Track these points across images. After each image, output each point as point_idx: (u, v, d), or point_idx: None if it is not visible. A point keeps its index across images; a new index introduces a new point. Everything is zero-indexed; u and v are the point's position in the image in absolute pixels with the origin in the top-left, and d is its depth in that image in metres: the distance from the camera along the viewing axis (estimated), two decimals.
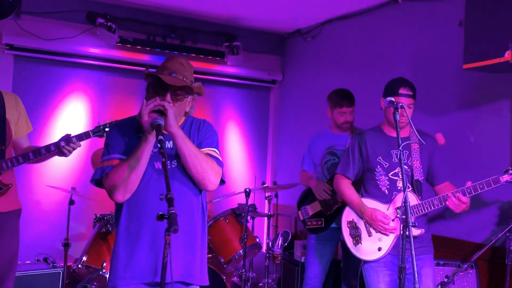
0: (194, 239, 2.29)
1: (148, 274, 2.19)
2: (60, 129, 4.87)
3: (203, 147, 2.29)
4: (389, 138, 3.00)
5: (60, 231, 4.48)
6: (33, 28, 4.62)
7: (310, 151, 4.01)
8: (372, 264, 2.96)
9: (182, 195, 2.23)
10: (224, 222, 4.26)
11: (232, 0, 4.85)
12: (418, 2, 4.28)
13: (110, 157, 2.24)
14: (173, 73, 2.17)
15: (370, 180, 3.05)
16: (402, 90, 2.91)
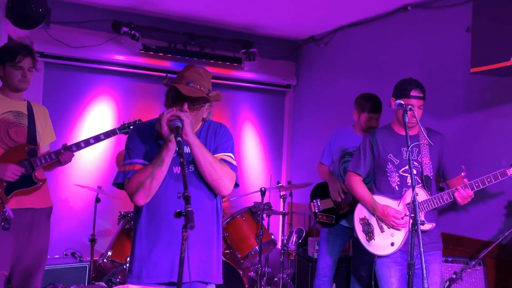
0: (211, 240, 2.28)
1: (164, 274, 2.18)
2: (87, 132, 4.92)
3: (218, 152, 2.28)
4: (399, 136, 2.97)
5: (87, 227, 4.52)
6: (62, 36, 4.68)
7: (330, 147, 3.94)
8: (384, 259, 2.94)
9: (198, 199, 2.22)
10: (241, 219, 4.26)
11: (249, 8, 4.85)
12: (427, 9, 4.24)
13: (132, 162, 2.23)
14: (190, 83, 2.15)
15: (381, 177, 3.03)
16: (414, 92, 2.88)
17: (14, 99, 3.08)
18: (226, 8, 4.87)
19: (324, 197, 3.89)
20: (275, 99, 6.04)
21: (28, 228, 3.04)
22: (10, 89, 3.05)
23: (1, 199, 2.89)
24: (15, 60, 2.97)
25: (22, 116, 3.07)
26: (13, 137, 3.00)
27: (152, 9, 4.95)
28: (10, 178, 2.91)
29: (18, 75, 3.00)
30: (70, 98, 4.89)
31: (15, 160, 2.97)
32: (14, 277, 3.06)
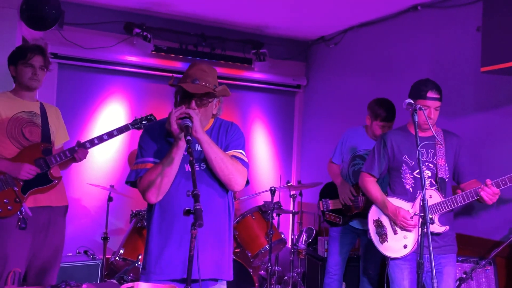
0: (222, 237, 2.29)
1: (177, 271, 2.19)
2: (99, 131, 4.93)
3: (230, 149, 2.28)
4: (414, 137, 2.87)
5: (100, 225, 4.55)
6: (75, 38, 4.71)
7: (342, 146, 3.90)
8: (397, 261, 2.91)
9: (209, 196, 2.23)
10: (251, 218, 4.26)
11: (259, 9, 4.85)
12: (436, 8, 4.20)
13: (144, 160, 2.25)
14: (195, 80, 2.17)
15: (395, 178, 2.99)
16: (430, 94, 2.83)
17: (27, 100, 3.10)
18: (236, 9, 4.87)
19: (333, 197, 3.87)
20: (285, 99, 6.02)
21: (45, 227, 3.06)
22: (22, 88, 3.07)
23: (19, 197, 2.91)
24: (25, 58, 3.00)
25: (36, 116, 3.09)
26: (28, 136, 3.02)
27: (164, 10, 4.97)
28: (25, 177, 2.93)
29: (28, 72, 3.01)
30: (83, 99, 4.92)
31: (31, 159, 2.99)
32: (30, 274, 3.08)
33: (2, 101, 3.00)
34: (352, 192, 3.71)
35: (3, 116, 2.96)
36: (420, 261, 2.36)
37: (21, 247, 2.94)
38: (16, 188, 2.91)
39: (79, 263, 3.96)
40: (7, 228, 2.90)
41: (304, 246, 4.42)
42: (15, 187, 2.91)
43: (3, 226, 2.91)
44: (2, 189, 2.90)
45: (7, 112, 2.97)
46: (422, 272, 2.37)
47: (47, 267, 3.12)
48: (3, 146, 2.95)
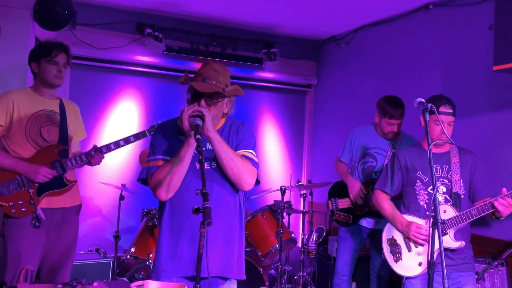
0: (232, 235, 2.27)
1: (189, 268, 2.18)
2: (112, 131, 4.96)
3: (240, 149, 2.26)
4: (427, 152, 2.79)
5: (112, 224, 4.57)
6: (87, 38, 4.72)
7: (351, 144, 3.86)
8: (412, 280, 2.83)
9: (220, 195, 2.22)
10: (261, 217, 4.24)
11: (270, 9, 4.82)
12: (448, 7, 4.14)
13: (155, 158, 2.25)
14: (206, 79, 2.14)
15: (409, 195, 2.93)
16: (443, 108, 2.77)
17: (47, 97, 3.07)
18: (247, 9, 4.84)
19: (342, 196, 3.83)
20: (296, 98, 5.99)
21: (58, 225, 3.06)
22: (44, 85, 3.04)
23: (33, 200, 2.90)
24: (50, 55, 2.97)
25: (55, 115, 3.06)
26: (45, 136, 3.00)
27: (175, 11, 4.97)
28: (42, 180, 2.92)
29: (53, 70, 3.00)
30: (95, 98, 4.94)
31: (47, 161, 2.97)
32: (43, 272, 3.09)
33: (22, 98, 2.98)
34: (363, 190, 3.68)
35: (22, 115, 2.94)
36: (430, 261, 2.30)
37: (35, 245, 2.95)
38: (31, 190, 2.91)
39: (90, 261, 3.97)
40: (21, 226, 2.91)
41: (315, 245, 4.38)
42: (30, 189, 2.91)
43: (17, 224, 2.91)
44: (18, 190, 2.90)
45: (27, 111, 2.95)
46: (433, 272, 2.31)
47: (60, 265, 3.12)
48: (20, 146, 2.95)
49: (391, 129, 3.60)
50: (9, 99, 2.93)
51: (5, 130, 2.93)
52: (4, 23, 3.81)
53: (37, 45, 3.11)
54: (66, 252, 3.13)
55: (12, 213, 2.88)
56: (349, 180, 3.78)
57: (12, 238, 2.91)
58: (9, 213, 2.88)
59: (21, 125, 2.93)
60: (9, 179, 2.90)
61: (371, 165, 3.71)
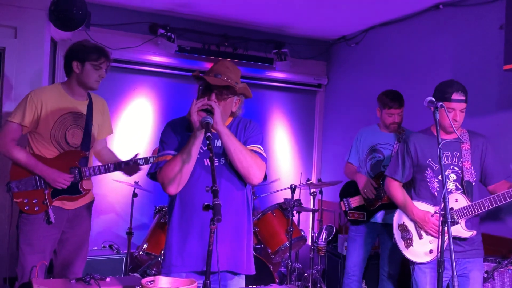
0: (241, 230, 2.28)
1: (198, 263, 2.19)
2: (125, 130, 4.99)
3: (248, 144, 2.27)
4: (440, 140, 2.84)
5: (125, 221, 4.59)
6: (101, 38, 4.72)
7: (357, 145, 3.88)
8: (421, 266, 2.82)
9: (229, 190, 2.23)
10: (271, 215, 4.24)
11: (281, 9, 4.82)
12: (458, 7, 4.11)
13: (164, 153, 2.26)
14: (218, 75, 2.18)
15: (420, 182, 2.88)
16: (455, 96, 2.71)
17: (76, 98, 3.07)
18: (258, 10, 4.85)
19: (353, 195, 3.81)
20: (306, 98, 5.98)
21: (71, 222, 3.09)
22: (82, 86, 3.04)
23: (47, 201, 2.94)
24: (97, 61, 2.99)
25: (81, 118, 3.06)
26: (69, 140, 3.01)
27: (187, 11, 4.98)
28: (59, 187, 2.95)
29: (95, 75, 3.01)
30: (109, 98, 4.89)
31: (67, 166, 3.00)
32: (56, 267, 3.13)
33: (52, 99, 2.97)
34: (372, 183, 3.66)
35: (49, 117, 2.95)
36: (440, 260, 2.28)
37: (47, 240, 2.98)
38: (46, 191, 2.95)
39: (104, 257, 3.99)
40: (34, 221, 2.95)
41: (324, 243, 4.37)
42: (46, 190, 2.95)
43: (31, 220, 2.95)
44: (34, 188, 2.94)
45: (54, 113, 2.96)
46: (442, 271, 2.29)
47: (73, 260, 3.15)
48: (45, 146, 2.97)
49: (392, 119, 3.65)
50: (38, 99, 2.93)
51: (30, 130, 2.96)
52: (20, 24, 3.85)
53: (81, 45, 3.06)
54: (79, 247, 3.16)
55: (25, 210, 2.92)
56: (357, 176, 3.79)
57: (25, 232, 2.95)
58: (22, 209, 2.93)
59: (47, 126, 2.95)
60: (28, 176, 2.94)
61: (378, 159, 3.73)
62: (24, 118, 2.91)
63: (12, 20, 3.82)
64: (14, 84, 3.82)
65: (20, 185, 2.92)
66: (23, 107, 2.93)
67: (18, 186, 2.92)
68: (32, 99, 2.93)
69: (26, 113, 2.91)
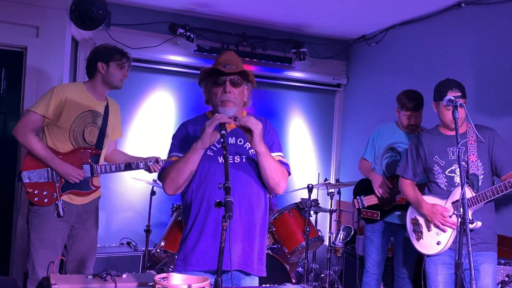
0: (253, 231, 2.24)
1: (212, 262, 2.16)
2: (144, 128, 5.01)
3: (272, 152, 2.23)
4: (445, 136, 2.90)
5: (143, 218, 4.60)
6: (122, 38, 4.77)
7: (373, 142, 3.82)
8: (432, 258, 2.88)
9: (243, 189, 2.19)
10: (288, 215, 4.20)
11: (300, 9, 4.77)
12: (481, 5, 4.00)
13: (171, 155, 2.28)
14: (227, 65, 2.17)
15: (431, 178, 2.98)
16: (451, 93, 2.76)
17: (97, 98, 3.14)
18: (277, 9, 4.81)
19: (367, 194, 3.76)
20: (325, 98, 5.91)
21: (80, 218, 3.13)
22: (107, 85, 3.13)
23: (57, 193, 2.97)
24: (122, 61, 3.10)
25: (99, 117, 3.13)
26: (86, 137, 3.07)
27: (206, 11, 4.97)
28: (72, 181, 2.99)
29: (120, 74, 3.12)
30: (129, 96, 4.99)
31: (80, 161, 3.04)
32: (68, 262, 3.15)
33: (75, 96, 3.04)
34: (388, 185, 3.60)
35: (71, 113, 3.00)
36: (458, 262, 2.24)
37: (58, 234, 3.02)
38: (57, 184, 2.98)
39: (121, 253, 4.01)
40: (45, 214, 2.99)
41: (342, 244, 4.30)
42: (57, 183, 2.98)
43: (41, 212, 2.99)
44: (45, 180, 2.97)
45: (76, 110, 3.02)
46: (460, 272, 2.25)
47: (85, 255, 3.18)
48: (61, 141, 3.02)
49: (408, 121, 3.59)
50: (64, 93, 3.00)
51: (51, 122, 3.00)
52: (42, 23, 3.89)
53: (104, 47, 3.17)
54: (90, 244, 3.21)
55: (34, 201, 2.95)
56: (372, 175, 3.73)
57: (36, 226, 2.98)
58: (32, 199, 2.96)
59: (68, 121, 3.00)
60: (40, 168, 2.97)
61: (394, 159, 3.66)
62: (48, 109, 2.95)
63: (34, 20, 3.87)
64: (36, 82, 3.86)
65: (32, 176, 2.95)
66: (48, 98, 2.97)
67: (30, 176, 2.95)
68: (58, 92, 2.99)
69: (51, 105, 2.95)
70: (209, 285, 1.86)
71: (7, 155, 3.94)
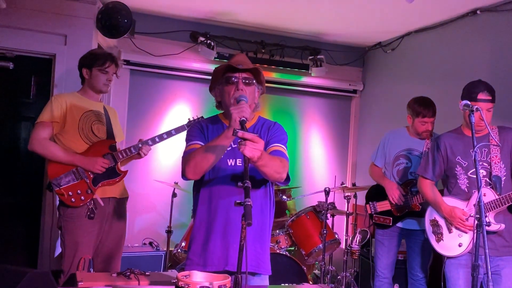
0: (264, 232, 2.24)
1: (220, 263, 2.16)
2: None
3: (272, 143, 2.24)
4: (467, 138, 2.82)
5: (164, 219, 4.65)
6: (145, 46, 4.86)
7: (384, 148, 3.79)
8: (452, 260, 2.83)
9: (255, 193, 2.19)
10: (305, 218, 4.20)
11: (316, 17, 4.79)
12: (497, 12, 3.96)
13: (191, 143, 2.24)
14: (239, 65, 2.19)
15: (451, 179, 2.92)
16: (481, 95, 2.72)
17: (93, 100, 3.24)
18: (294, 17, 4.84)
19: (380, 199, 3.73)
20: (341, 103, 5.91)
21: (110, 217, 3.18)
22: (93, 90, 3.21)
23: (90, 189, 3.04)
24: (103, 66, 3.14)
25: (101, 115, 3.23)
26: (96, 133, 3.16)
27: (226, 20, 5.03)
28: (99, 170, 3.06)
29: (103, 79, 3.17)
30: (152, 102, 5.07)
31: (100, 154, 3.12)
32: (97, 261, 3.21)
33: (74, 101, 3.15)
34: (401, 191, 3.58)
35: (74, 114, 3.10)
36: (475, 263, 2.23)
37: (90, 235, 3.07)
38: (87, 180, 3.04)
39: (144, 253, 4.06)
40: (77, 217, 3.04)
41: (358, 247, 4.29)
42: (86, 179, 3.04)
43: (74, 216, 3.04)
44: (75, 181, 3.03)
45: (78, 110, 3.12)
46: (477, 274, 2.23)
47: (112, 254, 3.23)
48: (74, 141, 3.09)
49: (425, 128, 3.55)
50: (62, 99, 3.10)
51: (60, 127, 3.07)
52: (70, 31, 3.99)
53: (89, 53, 3.27)
54: (117, 243, 3.26)
55: (71, 202, 3.00)
56: (386, 182, 3.69)
57: (69, 229, 3.04)
58: (69, 202, 3.00)
59: (74, 122, 3.08)
60: (65, 172, 3.03)
61: (406, 166, 3.63)
62: (53, 114, 3.04)
63: (63, 28, 3.97)
64: (63, 89, 3.95)
65: (60, 181, 3.02)
66: (49, 106, 3.07)
67: (58, 182, 3.01)
68: (57, 99, 3.10)
69: (54, 110, 3.05)
70: (230, 283, 1.88)
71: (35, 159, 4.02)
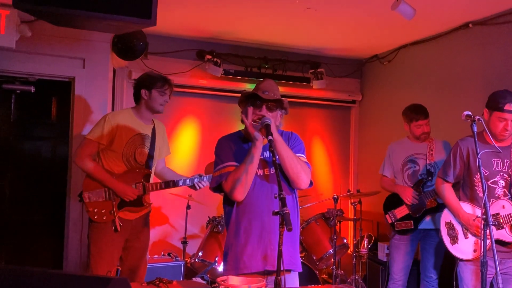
0: (294, 233, 2.42)
1: (259, 265, 2.32)
2: (177, 146, 5.21)
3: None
4: (490, 147, 2.81)
5: (178, 231, 4.77)
6: (154, 65, 5.00)
7: (390, 159, 3.96)
8: (467, 263, 2.87)
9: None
10: (315, 224, 4.35)
11: (316, 34, 4.98)
12: (488, 25, 4.16)
13: (225, 165, 2.37)
14: (265, 92, 2.35)
15: (469, 184, 2.93)
16: (508, 106, 2.72)
17: (144, 122, 3.35)
18: (295, 34, 5.02)
19: (397, 206, 3.83)
20: (341, 113, 6.10)
21: (134, 231, 3.33)
22: (150, 110, 3.33)
23: (114, 211, 3.19)
24: (163, 88, 3.30)
25: (147, 140, 3.34)
26: (137, 158, 3.29)
27: (231, 38, 5.20)
28: (127, 199, 3.21)
29: (161, 99, 3.31)
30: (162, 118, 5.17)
31: (133, 181, 3.26)
32: (123, 272, 3.35)
33: (125, 122, 3.26)
34: (415, 193, 3.71)
35: (123, 138, 3.23)
36: (483, 260, 2.36)
37: (114, 247, 3.22)
38: (114, 202, 3.20)
39: (165, 264, 4.17)
40: (103, 229, 3.20)
41: (366, 250, 4.45)
42: (113, 201, 3.20)
43: (100, 227, 3.21)
44: (104, 199, 3.19)
45: (127, 134, 3.25)
46: (486, 271, 2.36)
47: (137, 265, 3.37)
48: (115, 163, 3.25)
49: (421, 130, 3.76)
50: (115, 121, 3.22)
51: (105, 147, 3.22)
52: (87, 55, 4.14)
53: (146, 75, 3.40)
54: (142, 254, 3.39)
55: (94, 218, 3.17)
56: (398, 187, 3.83)
57: (95, 240, 3.20)
58: (92, 217, 3.18)
59: (120, 146, 3.22)
60: (98, 189, 3.19)
61: (414, 169, 3.79)
62: (102, 136, 3.18)
63: (81, 52, 4.12)
64: (83, 109, 4.10)
65: (92, 196, 3.18)
66: (101, 126, 3.20)
67: (90, 197, 3.18)
68: (110, 121, 3.22)
69: (104, 132, 3.19)
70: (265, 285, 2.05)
71: (57, 177, 4.17)
